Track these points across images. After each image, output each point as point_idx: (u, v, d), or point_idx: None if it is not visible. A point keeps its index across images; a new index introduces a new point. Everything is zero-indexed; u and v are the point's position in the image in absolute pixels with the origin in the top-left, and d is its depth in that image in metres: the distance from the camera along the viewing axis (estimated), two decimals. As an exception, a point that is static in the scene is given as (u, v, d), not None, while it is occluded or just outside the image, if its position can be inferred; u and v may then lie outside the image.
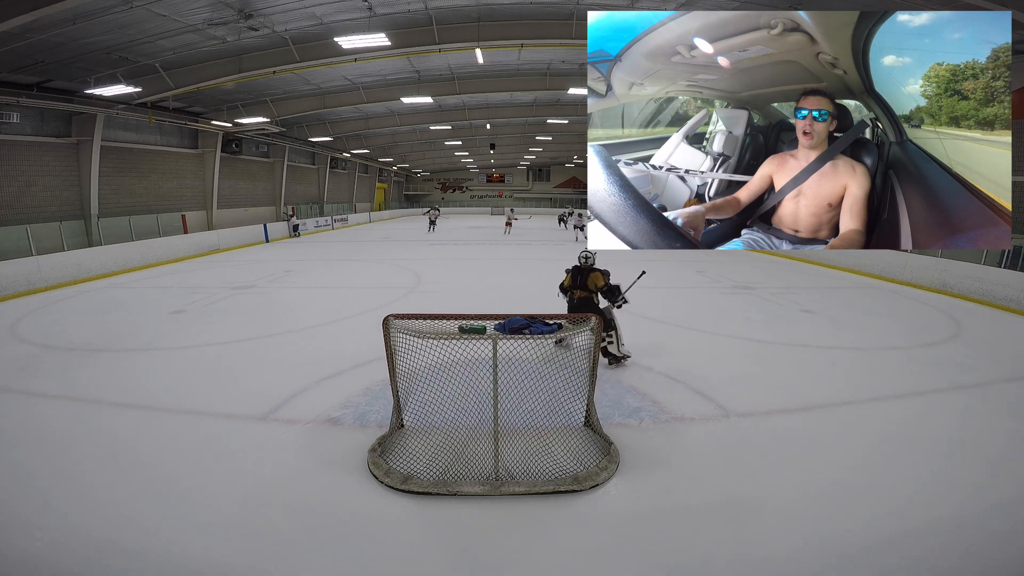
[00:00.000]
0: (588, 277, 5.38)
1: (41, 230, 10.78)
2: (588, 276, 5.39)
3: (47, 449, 3.76)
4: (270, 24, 10.24)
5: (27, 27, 8.44)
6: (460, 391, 3.70)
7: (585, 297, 5.40)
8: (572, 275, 5.55)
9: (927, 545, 2.76)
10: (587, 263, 5.45)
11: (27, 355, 5.91)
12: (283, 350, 6.11)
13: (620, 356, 5.39)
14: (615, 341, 5.33)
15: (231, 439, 3.93)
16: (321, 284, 10.63)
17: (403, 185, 46.62)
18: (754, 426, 4.17)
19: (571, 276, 5.55)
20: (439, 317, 3.52)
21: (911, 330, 7.12)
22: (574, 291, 5.49)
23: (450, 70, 15.31)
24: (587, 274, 5.41)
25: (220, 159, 18.66)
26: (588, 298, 5.39)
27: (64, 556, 2.67)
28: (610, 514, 3.04)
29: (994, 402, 4.66)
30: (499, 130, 27.08)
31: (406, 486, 3.21)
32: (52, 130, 12.75)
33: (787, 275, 11.69)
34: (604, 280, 5.36)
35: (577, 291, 5.45)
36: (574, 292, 5.49)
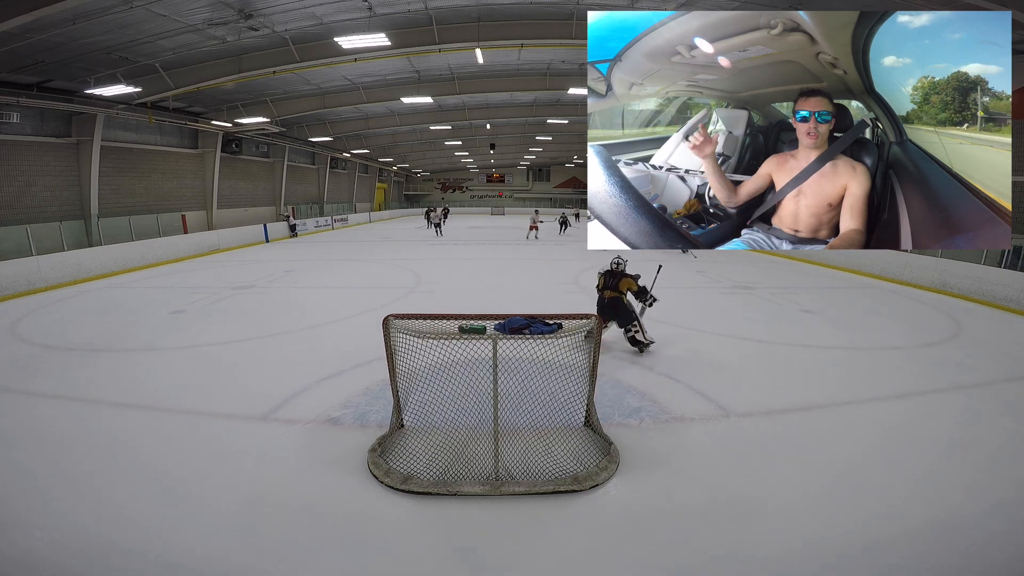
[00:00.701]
0: (620, 281, 5.87)
1: (41, 230, 10.77)
2: (620, 280, 5.87)
3: (47, 449, 3.76)
4: (270, 24, 10.24)
5: (27, 27, 8.44)
6: (460, 391, 3.70)
7: (614, 297, 5.87)
8: (604, 277, 6.05)
9: (927, 545, 2.76)
10: (619, 268, 5.95)
11: (27, 355, 5.91)
12: (283, 350, 6.11)
13: (647, 342, 5.89)
14: (640, 330, 5.85)
15: (231, 439, 3.93)
16: (321, 284, 10.63)
17: (403, 185, 46.62)
18: (754, 426, 4.17)
19: (603, 278, 6.05)
20: (439, 317, 3.52)
21: (911, 330, 7.12)
22: (605, 292, 5.96)
23: (450, 70, 15.31)
24: (619, 278, 5.90)
25: (220, 159, 18.65)
26: (617, 298, 5.87)
27: (64, 555, 2.67)
28: (610, 514, 3.04)
29: (994, 402, 4.66)
30: (499, 130, 27.07)
31: (406, 486, 3.21)
32: (52, 130, 12.75)
33: (787, 275, 11.69)
34: (636, 284, 5.86)
35: (607, 291, 5.92)
36: (604, 292, 5.96)
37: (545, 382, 3.67)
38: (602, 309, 5.89)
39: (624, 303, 5.87)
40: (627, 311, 5.83)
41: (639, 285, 5.89)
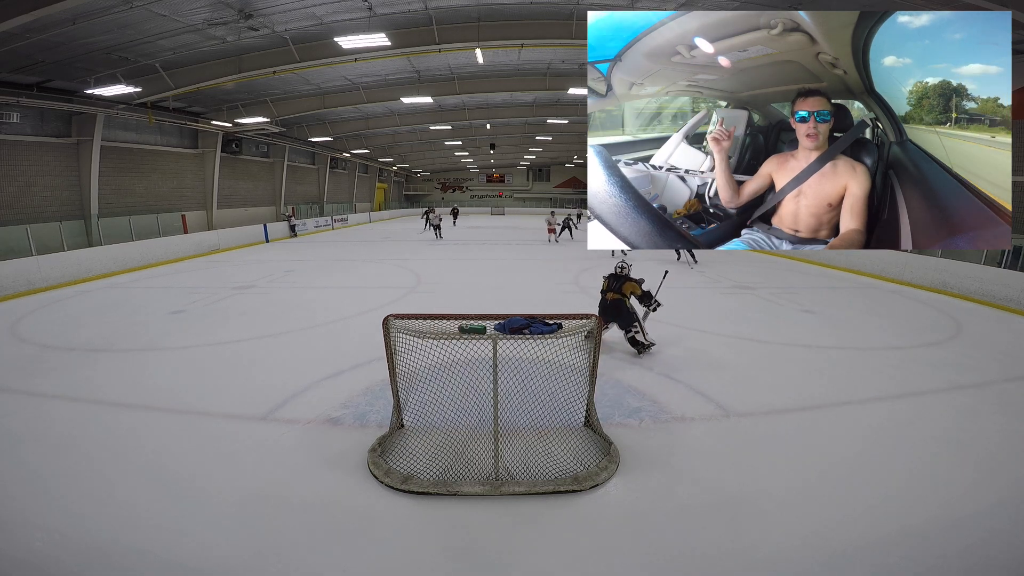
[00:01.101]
0: (624, 284, 5.87)
1: (41, 230, 10.77)
2: (624, 283, 5.88)
3: (47, 449, 3.76)
4: (270, 24, 10.24)
5: (27, 27, 8.44)
6: (460, 391, 3.70)
7: (617, 299, 5.88)
8: (608, 280, 6.08)
9: (926, 544, 2.76)
10: (623, 271, 5.99)
11: (27, 355, 5.91)
12: (283, 350, 6.11)
13: (647, 344, 5.89)
14: (641, 331, 5.85)
15: (231, 439, 3.93)
16: (321, 284, 10.63)
17: (403, 185, 46.62)
18: (754, 426, 4.17)
19: (607, 281, 6.08)
20: (439, 317, 3.53)
21: (911, 330, 7.12)
22: (607, 294, 5.98)
23: (450, 70, 15.31)
24: (623, 281, 5.91)
25: (220, 159, 18.66)
26: (620, 300, 5.87)
27: (65, 555, 2.67)
28: (610, 514, 3.04)
29: (993, 402, 4.66)
30: (499, 130, 27.07)
31: (406, 486, 3.21)
32: (52, 130, 12.75)
33: (787, 275, 11.69)
34: (640, 288, 5.86)
35: (610, 293, 5.95)
36: (607, 295, 5.98)
37: (545, 382, 3.67)
38: (604, 311, 5.88)
39: (627, 306, 5.85)
40: (628, 313, 5.83)
41: (643, 290, 5.89)
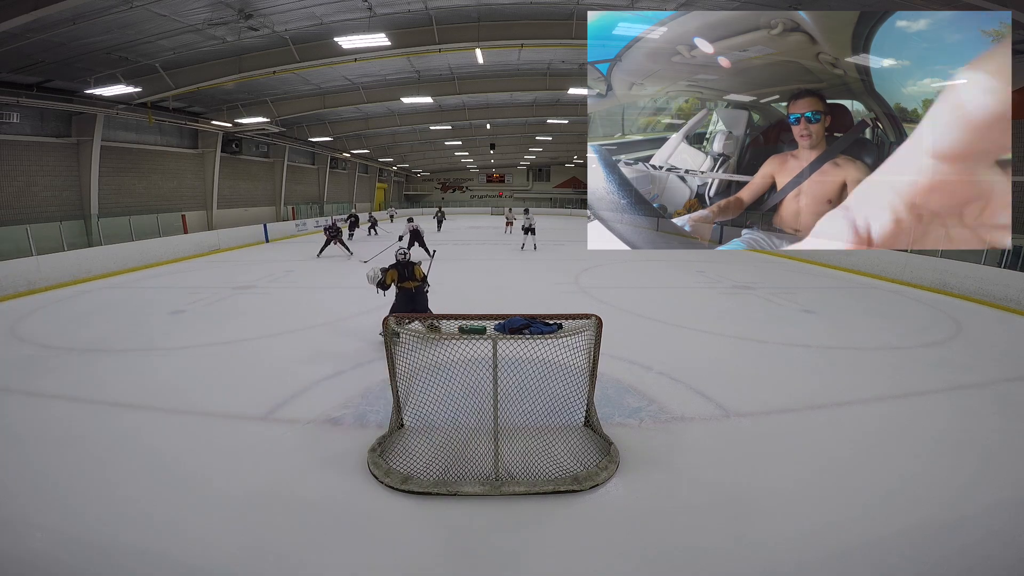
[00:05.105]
0: (415, 269, 6.12)
1: (41, 230, 10.76)
2: (415, 268, 6.12)
3: (47, 449, 3.75)
4: (270, 24, 10.24)
5: (27, 27, 8.44)
6: (460, 391, 3.70)
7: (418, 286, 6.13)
8: (399, 270, 6.11)
9: (926, 544, 2.76)
10: (406, 258, 6.18)
11: (27, 355, 5.91)
12: (283, 350, 6.11)
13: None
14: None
15: (231, 439, 3.93)
16: (321, 284, 10.63)
17: (403, 185, 46.60)
18: (754, 426, 4.17)
19: (397, 271, 6.11)
20: (439, 317, 3.52)
21: (911, 330, 7.12)
22: (402, 283, 6.10)
23: (450, 70, 15.30)
24: (412, 267, 6.13)
25: (220, 159, 18.65)
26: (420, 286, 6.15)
27: (65, 554, 2.67)
28: (610, 514, 3.04)
29: (993, 402, 4.66)
30: (499, 130, 27.06)
31: (406, 486, 3.21)
32: (52, 130, 12.74)
33: (787, 275, 11.68)
34: (423, 270, 6.21)
35: (408, 282, 6.11)
36: (405, 284, 6.11)
37: (545, 382, 3.67)
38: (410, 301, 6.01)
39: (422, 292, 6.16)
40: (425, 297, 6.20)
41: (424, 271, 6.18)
